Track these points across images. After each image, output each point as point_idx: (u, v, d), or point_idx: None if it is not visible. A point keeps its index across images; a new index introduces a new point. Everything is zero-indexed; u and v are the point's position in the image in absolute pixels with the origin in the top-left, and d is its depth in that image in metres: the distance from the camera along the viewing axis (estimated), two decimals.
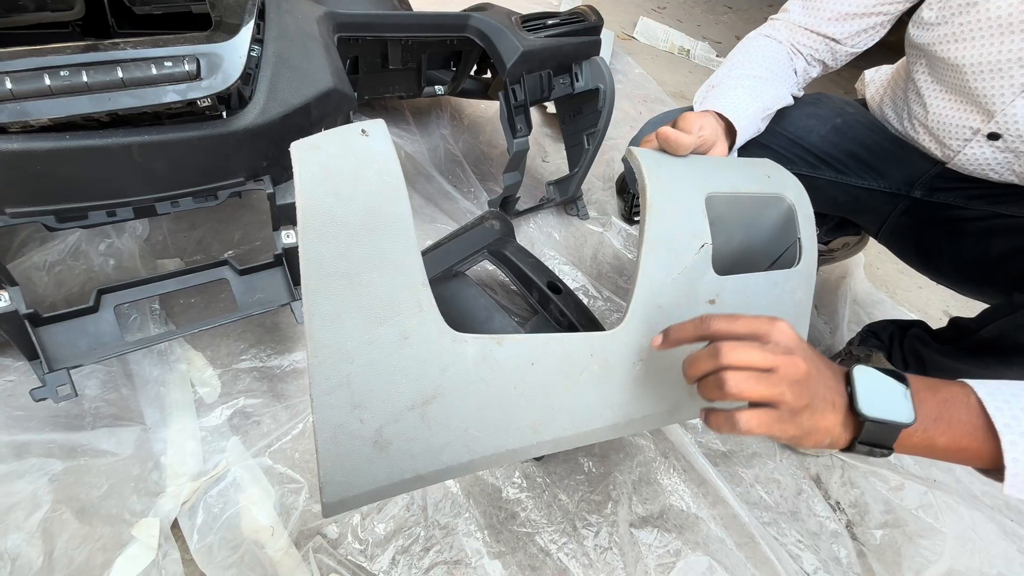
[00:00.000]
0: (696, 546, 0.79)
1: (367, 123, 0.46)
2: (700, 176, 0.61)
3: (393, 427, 0.46)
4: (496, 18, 0.92)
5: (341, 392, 0.44)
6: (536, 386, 0.51)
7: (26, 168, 0.48)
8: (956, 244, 0.78)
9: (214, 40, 0.54)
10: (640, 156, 0.59)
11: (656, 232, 0.56)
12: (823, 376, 0.44)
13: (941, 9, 0.69)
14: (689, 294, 0.58)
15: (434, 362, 0.47)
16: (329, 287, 0.43)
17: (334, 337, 0.43)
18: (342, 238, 0.43)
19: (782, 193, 0.65)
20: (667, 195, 0.57)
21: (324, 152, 0.44)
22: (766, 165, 0.67)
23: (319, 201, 0.43)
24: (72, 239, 0.86)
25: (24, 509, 0.63)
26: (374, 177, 0.45)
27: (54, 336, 0.60)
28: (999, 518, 0.94)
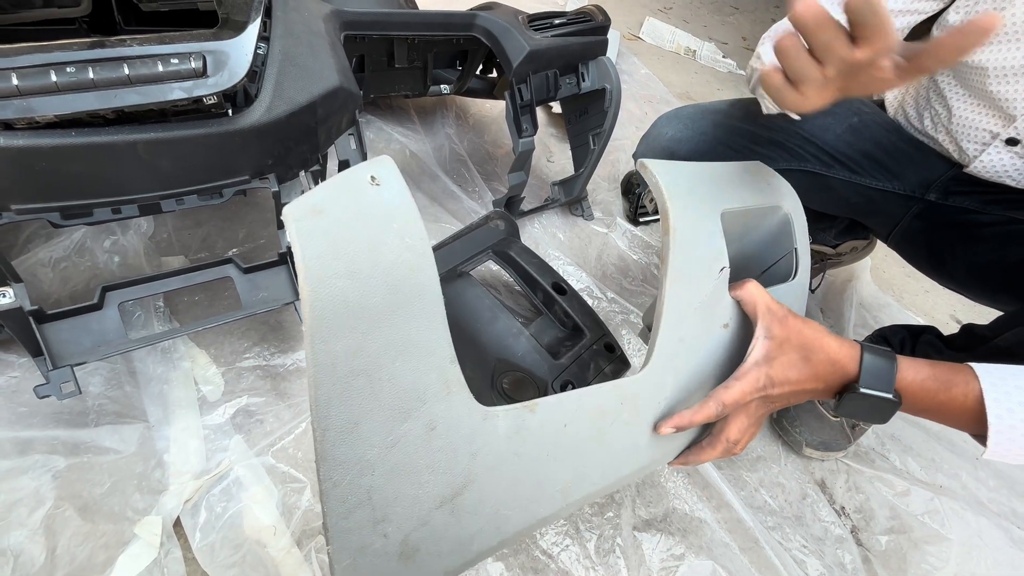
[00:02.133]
0: (700, 550, 0.78)
1: (374, 165, 0.38)
2: (715, 190, 0.57)
3: (420, 532, 0.40)
4: (503, 17, 0.91)
5: (361, 511, 0.37)
6: (569, 448, 0.47)
7: (31, 165, 0.48)
8: (970, 249, 0.77)
9: (220, 37, 0.54)
10: (656, 171, 0.54)
11: (679, 260, 0.52)
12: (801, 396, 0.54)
13: (967, 13, 0.68)
14: (707, 321, 0.55)
15: (464, 448, 0.41)
16: (344, 392, 0.35)
17: (351, 451, 0.36)
18: (360, 329, 0.36)
19: (780, 203, 0.63)
20: (687, 217, 0.53)
21: (330, 218, 0.35)
22: (763, 171, 0.66)
23: (330, 288, 0.34)
24: (77, 236, 0.86)
25: (27, 506, 0.63)
26: (395, 242, 0.37)
27: (58, 333, 0.60)
28: (1006, 524, 0.93)
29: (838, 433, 0.94)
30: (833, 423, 0.94)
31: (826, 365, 0.51)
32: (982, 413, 0.48)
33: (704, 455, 0.56)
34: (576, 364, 0.81)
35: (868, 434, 0.99)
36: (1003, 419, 0.47)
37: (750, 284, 0.55)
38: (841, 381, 0.52)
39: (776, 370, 0.51)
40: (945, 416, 0.52)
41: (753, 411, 0.53)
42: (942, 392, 0.50)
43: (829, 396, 0.54)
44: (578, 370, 0.81)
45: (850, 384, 0.51)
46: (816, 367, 0.51)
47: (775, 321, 0.52)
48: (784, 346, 0.52)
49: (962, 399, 0.50)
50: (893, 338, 0.93)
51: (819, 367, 0.51)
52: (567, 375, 0.79)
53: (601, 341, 0.86)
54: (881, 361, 0.51)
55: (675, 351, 0.53)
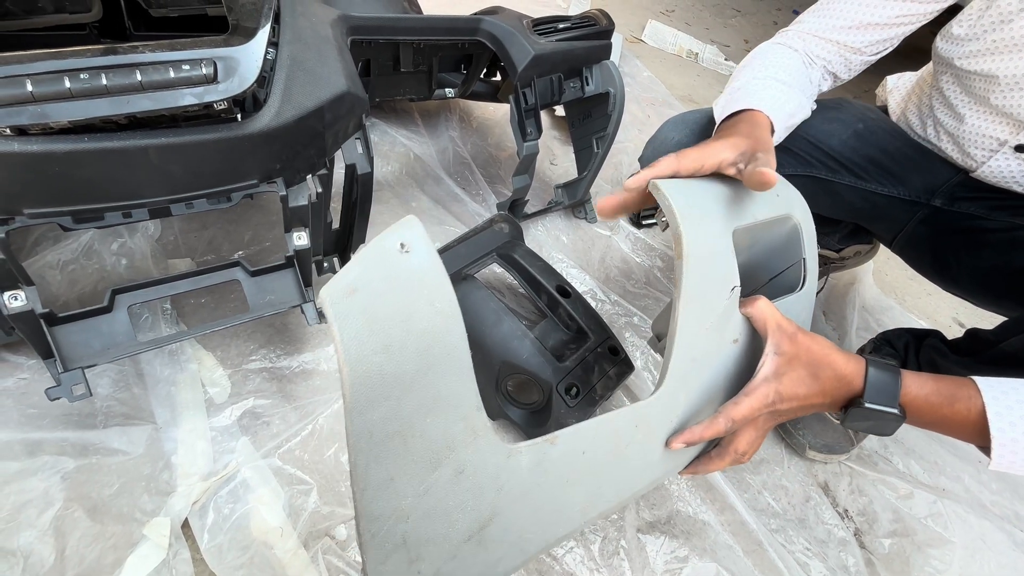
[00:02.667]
0: (703, 552, 0.78)
1: (403, 230, 0.37)
2: (726, 209, 0.57)
3: (450, 564, 0.43)
4: (508, 22, 0.92)
5: (398, 555, 0.40)
6: (587, 472, 0.49)
7: (45, 170, 0.49)
8: (975, 255, 0.77)
9: (231, 43, 0.54)
10: (668, 193, 0.53)
11: (693, 282, 0.53)
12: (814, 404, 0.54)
13: (972, 26, 0.68)
14: (718, 339, 0.56)
15: (490, 486, 0.43)
16: (380, 454, 0.37)
17: (387, 504, 0.38)
18: (395, 396, 0.37)
19: (790, 212, 0.64)
20: (700, 238, 0.53)
21: (365, 295, 0.36)
22: None
23: (368, 363, 0.36)
24: (85, 238, 0.87)
25: (36, 507, 0.64)
26: (426, 309, 0.38)
27: (69, 335, 0.61)
28: (1009, 528, 0.93)
29: (841, 436, 0.94)
30: (836, 426, 0.94)
31: (833, 381, 0.53)
32: (985, 426, 0.49)
33: (713, 465, 0.58)
34: (580, 367, 0.82)
35: (871, 437, 0.99)
36: (1005, 432, 0.48)
37: (760, 302, 0.56)
38: (847, 396, 0.53)
39: (785, 386, 0.52)
40: (949, 429, 0.53)
41: (761, 424, 0.55)
42: (946, 406, 0.52)
43: (835, 410, 0.55)
44: (582, 373, 0.81)
45: (855, 399, 0.53)
46: (823, 383, 0.53)
47: (785, 338, 0.53)
48: (793, 362, 0.53)
49: (965, 413, 0.51)
50: (897, 342, 0.93)
51: (826, 383, 0.53)
52: (571, 378, 0.80)
53: (605, 344, 0.86)
54: (886, 376, 0.52)
55: (688, 371, 0.54)
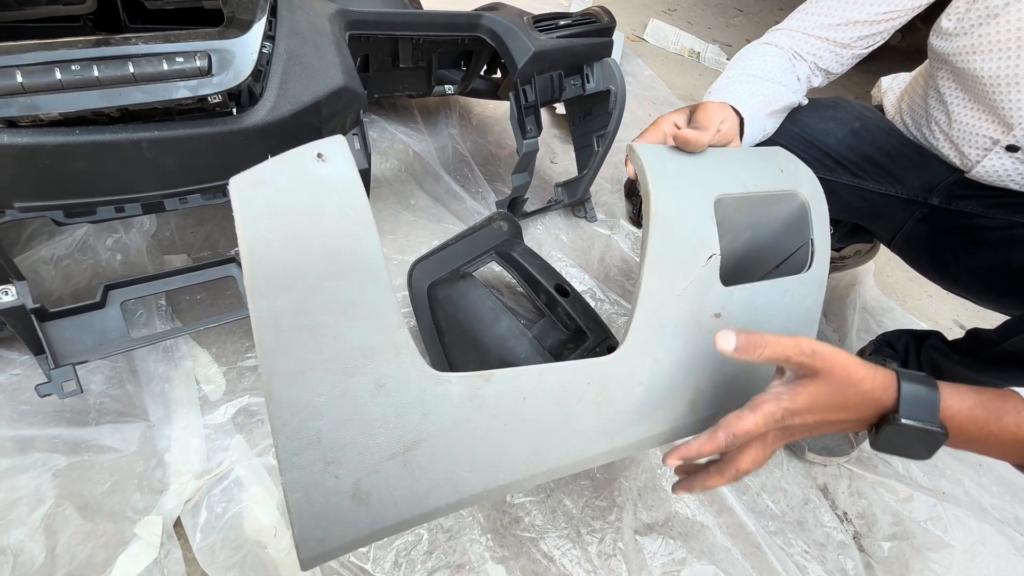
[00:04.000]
0: (701, 554, 0.78)
1: (324, 143, 0.39)
2: (709, 176, 0.56)
3: (372, 478, 0.43)
4: (508, 18, 0.91)
5: (311, 451, 0.40)
6: (528, 421, 0.48)
7: (35, 162, 0.48)
8: (974, 253, 0.77)
9: (226, 36, 0.54)
10: (643, 155, 0.53)
11: (660, 244, 0.51)
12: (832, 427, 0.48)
13: (960, 20, 0.68)
14: (693, 309, 0.54)
15: (415, 408, 0.43)
16: (289, 344, 0.38)
17: (299, 395, 0.39)
18: (300, 289, 0.38)
19: (796, 189, 0.60)
20: (672, 201, 0.52)
21: (271, 187, 0.37)
22: (779, 156, 0.63)
23: (267, 249, 0.37)
24: (80, 234, 0.86)
25: (27, 504, 0.63)
26: (335, 212, 0.39)
27: (60, 331, 0.60)
28: (1009, 532, 0.93)
29: (841, 438, 0.93)
30: None
31: (858, 397, 0.46)
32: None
33: (711, 481, 0.51)
34: None
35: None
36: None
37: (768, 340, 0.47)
38: (877, 411, 0.46)
39: (798, 401, 0.46)
40: (994, 447, 0.47)
41: (770, 442, 0.49)
42: (993, 422, 0.45)
43: (863, 427, 0.49)
44: None
45: (889, 415, 0.46)
46: (847, 399, 0.46)
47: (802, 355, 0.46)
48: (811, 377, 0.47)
49: (1015, 428, 0.45)
50: (897, 343, 0.93)
51: (850, 399, 0.46)
52: None
53: (604, 343, 0.85)
54: (922, 389, 0.46)
55: (654, 337, 0.52)
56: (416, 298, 0.85)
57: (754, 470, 0.49)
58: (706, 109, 0.62)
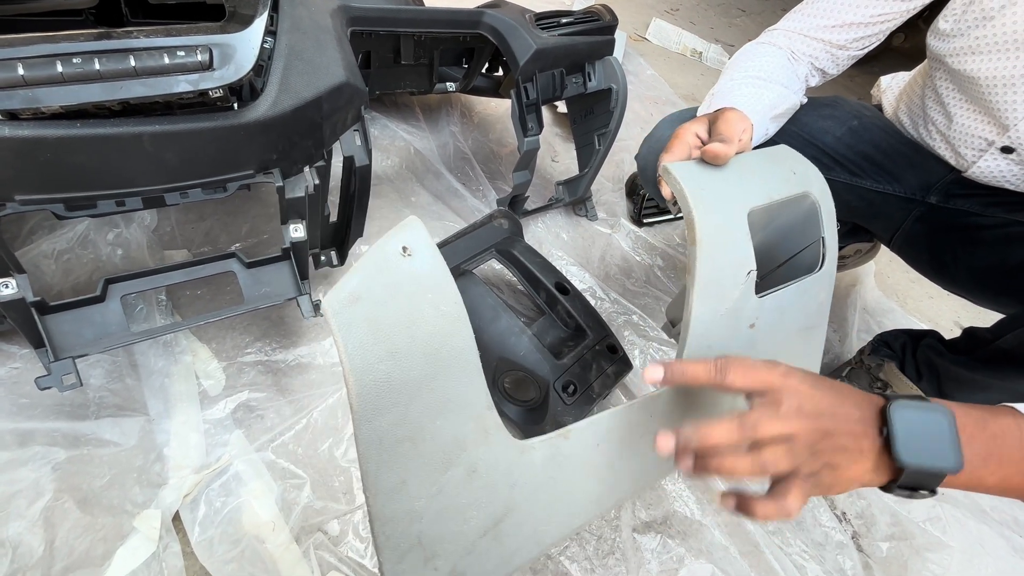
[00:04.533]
0: (700, 553, 0.78)
1: (405, 233, 0.37)
2: (739, 189, 0.56)
3: (467, 559, 0.43)
4: (510, 15, 0.91)
5: (413, 554, 0.40)
6: (601, 464, 0.49)
7: (36, 155, 0.48)
8: (972, 252, 0.77)
9: (227, 31, 0.54)
10: (680, 177, 0.53)
11: (707, 268, 0.52)
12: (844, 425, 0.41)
13: (956, 21, 0.68)
14: (734, 324, 0.55)
15: (503, 482, 0.43)
16: (391, 459, 0.38)
17: (400, 506, 0.39)
18: (403, 403, 0.37)
19: (808, 190, 0.62)
20: (714, 223, 0.52)
21: (368, 304, 0.36)
22: (789, 158, 0.64)
23: (374, 372, 0.36)
24: (81, 228, 0.86)
25: (26, 497, 0.63)
26: (430, 312, 0.38)
27: (60, 325, 0.60)
28: (1008, 533, 0.93)
29: None
30: None
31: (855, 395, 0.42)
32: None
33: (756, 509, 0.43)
34: (578, 364, 0.81)
35: None
36: None
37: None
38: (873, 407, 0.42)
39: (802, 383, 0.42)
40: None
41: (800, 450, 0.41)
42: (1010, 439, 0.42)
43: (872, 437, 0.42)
44: (580, 370, 0.81)
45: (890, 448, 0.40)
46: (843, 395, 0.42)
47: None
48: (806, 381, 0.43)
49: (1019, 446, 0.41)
50: (894, 343, 0.93)
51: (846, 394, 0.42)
52: (569, 375, 0.79)
53: (604, 342, 0.86)
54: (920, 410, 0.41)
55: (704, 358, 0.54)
56: None
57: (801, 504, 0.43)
58: (727, 120, 0.62)
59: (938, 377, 0.83)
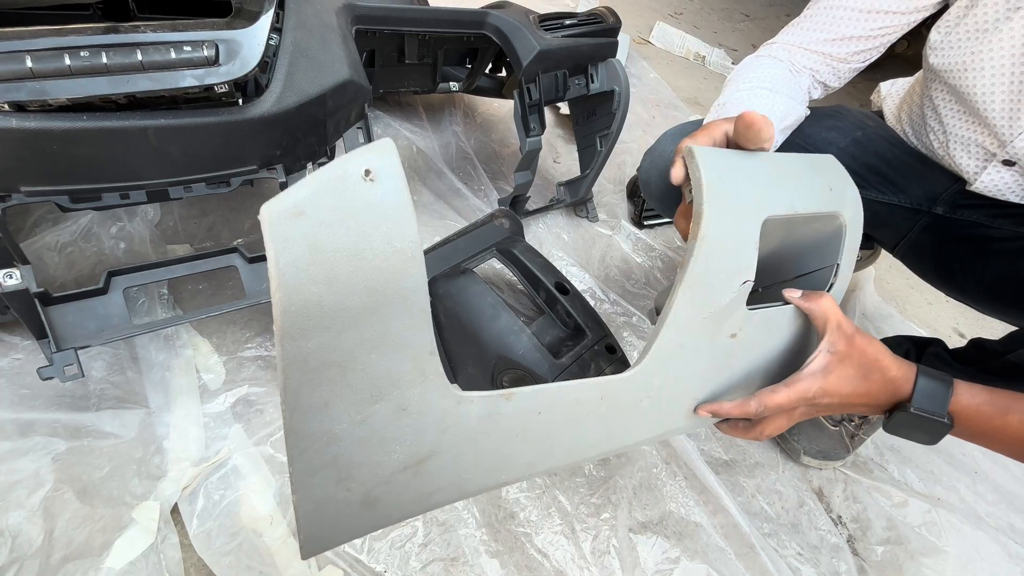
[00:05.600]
0: (695, 554, 0.78)
1: (372, 153, 0.34)
2: (761, 192, 0.52)
3: (383, 488, 0.44)
4: (514, 16, 0.92)
5: (326, 472, 0.40)
6: (538, 431, 0.49)
7: (43, 147, 0.49)
8: (981, 263, 0.76)
9: (234, 27, 0.54)
10: (702, 161, 0.48)
11: (701, 269, 0.49)
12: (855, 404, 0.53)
13: (947, 34, 0.68)
14: (713, 330, 0.53)
15: (434, 426, 0.43)
16: (314, 380, 0.37)
17: (319, 426, 0.38)
18: (334, 328, 0.36)
19: (839, 211, 0.57)
20: (723, 223, 0.49)
21: (311, 222, 0.33)
22: (831, 171, 0.58)
23: (305, 292, 0.33)
24: (84, 221, 0.87)
25: (26, 487, 0.63)
26: (381, 246, 0.35)
27: (63, 316, 0.61)
28: (1003, 539, 0.93)
29: (837, 442, 0.94)
30: (832, 432, 0.94)
31: (881, 384, 0.52)
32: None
33: (733, 433, 0.58)
34: (577, 364, 0.81)
35: (867, 444, 0.99)
36: None
37: (825, 300, 0.54)
38: (893, 400, 0.53)
39: (831, 382, 0.52)
40: (999, 443, 0.52)
41: (797, 416, 0.54)
42: (998, 417, 0.50)
43: (879, 412, 0.55)
44: (579, 370, 0.81)
45: (902, 403, 0.52)
46: (871, 385, 0.52)
47: (842, 338, 0.52)
48: (845, 361, 0.52)
49: (1018, 426, 0.49)
50: (897, 349, 0.92)
51: (873, 385, 0.52)
52: (567, 375, 0.79)
53: (603, 342, 0.86)
54: (936, 385, 0.52)
55: (671, 355, 0.52)
56: None
57: (773, 435, 0.55)
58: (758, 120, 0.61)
59: None
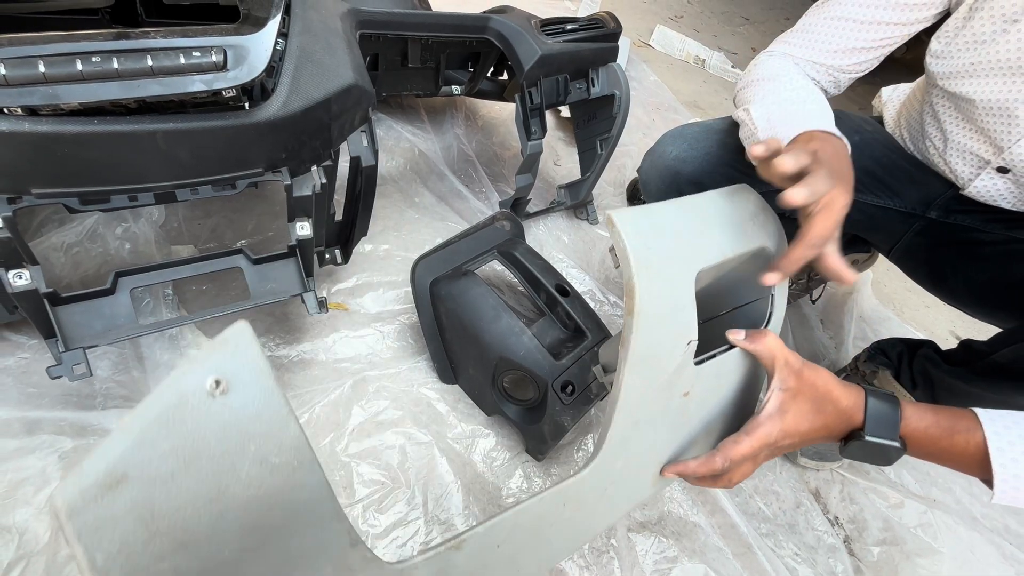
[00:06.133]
0: (693, 554, 0.79)
1: (217, 355, 0.28)
2: (692, 247, 0.50)
3: None
4: (516, 21, 0.93)
5: None
6: (503, 560, 0.45)
7: (54, 150, 0.50)
8: (972, 267, 0.77)
9: (241, 32, 0.55)
10: (625, 234, 0.45)
11: (643, 344, 0.46)
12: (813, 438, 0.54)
13: (948, 43, 0.69)
14: (666, 396, 0.51)
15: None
16: None
17: None
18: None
19: (765, 244, 0.57)
20: (656, 291, 0.46)
21: (139, 484, 0.25)
22: (748, 202, 0.58)
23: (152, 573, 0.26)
24: (90, 222, 0.88)
25: (33, 484, 0.64)
26: (253, 470, 0.28)
27: (71, 316, 0.62)
28: (998, 540, 0.94)
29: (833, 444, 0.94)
30: None
31: (835, 415, 0.53)
32: (985, 459, 0.48)
33: (703, 484, 0.57)
34: (577, 365, 0.82)
35: None
36: (1007, 468, 0.47)
37: (769, 338, 0.54)
38: (847, 428, 0.53)
39: (788, 423, 0.52)
40: (948, 461, 0.52)
41: (761, 459, 0.54)
42: (944, 439, 0.51)
43: (834, 440, 0.55)
44: (579, 371, 0.82)
45: (855, 432, 0.53)
46: (826, 417, 0.53)
47: (792, 375, 0.53)
48: (798, 397, 0.52)
49: (964, 446, 0.50)
50: (891, 351, 0.94)
51: (828, 417, 0.53)
52: (567, 376, 0.80)
53: (602, 343, 0.87)
54: (885, 408, 0.52)
55: (627, 436, 0.50)
56: (419, 294, 0.86)
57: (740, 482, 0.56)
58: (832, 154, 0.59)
59: (933, 387, 0.84)
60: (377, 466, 0.76)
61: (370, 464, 0.76)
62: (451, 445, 0.81)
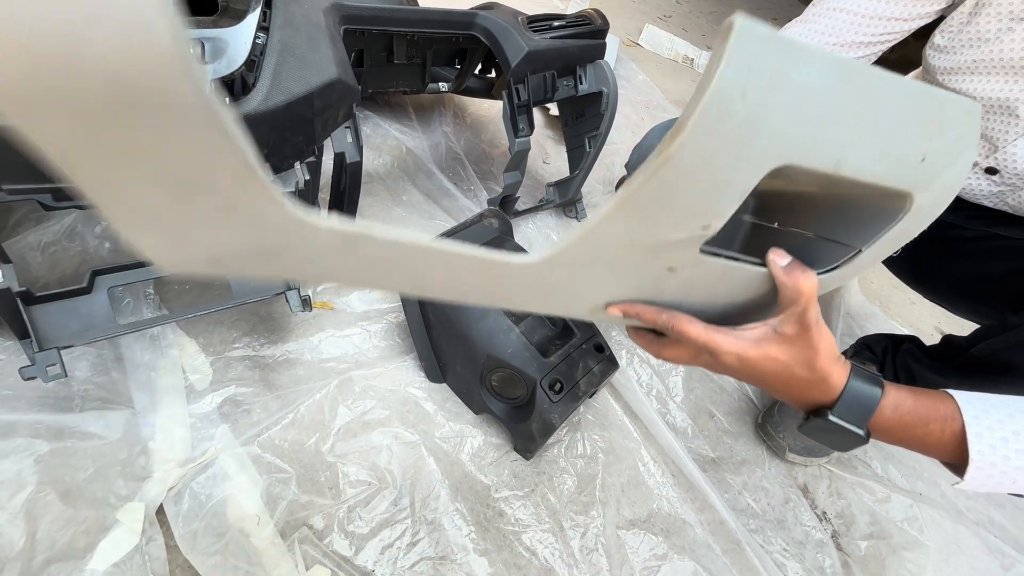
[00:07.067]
0: (682, 550, 0.79)
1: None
2: (806, 123, 0.32)
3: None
4: (503, 17, 0.92)
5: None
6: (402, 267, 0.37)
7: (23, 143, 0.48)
8: (953, 263, 0.78)
9: (220, 25, 0.54)
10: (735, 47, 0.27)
11: (650, 196, 0.34)
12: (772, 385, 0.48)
13: (951, 39, 0.69)
14: (647, 257, 0.41)
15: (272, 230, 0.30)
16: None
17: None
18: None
19: (913, 192, 0.39)
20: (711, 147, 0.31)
21: None
22: (955, 126, 0.37)
23: None
24: (68, 220, 0.86)
25: (8, 489, 0.63)
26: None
27: (46, 315, 0.60)
28: (983, 533, 0.95)
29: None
30: None
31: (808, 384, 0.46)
32: (960, 447, 0.46)
33: (637, 337, 0.52)
34: (565, 363, 0.82)
35: None
36: (984, 455, 0.45)
37: (808, 280, 0.43)
38: (815, 401, 0.48)
39: (752, 355, 0.45)
40: (919, 448, 0.49)
41: (699, 361, 0.49)
42: (919, 427, 0.47)
43: (799, 407, 0.50)
44: (567, 369, 0.81)
45: (822, 408, 0.47)
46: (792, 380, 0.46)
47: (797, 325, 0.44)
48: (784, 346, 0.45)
49: (939, 434, 0.47)
50: (876, 347, 0.94)
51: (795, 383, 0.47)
52: (556, 373, 0.80)
53: (591, 341, 0.86)
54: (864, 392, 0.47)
55: (581, 264, 0.40)
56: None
57: (668, 360, 0.51)
58: None
59: (914, 381, 0.84)
60: (364, 466, 0.75)
61: (357, 464, 0.75)
62: (439, 444, 0.80)
